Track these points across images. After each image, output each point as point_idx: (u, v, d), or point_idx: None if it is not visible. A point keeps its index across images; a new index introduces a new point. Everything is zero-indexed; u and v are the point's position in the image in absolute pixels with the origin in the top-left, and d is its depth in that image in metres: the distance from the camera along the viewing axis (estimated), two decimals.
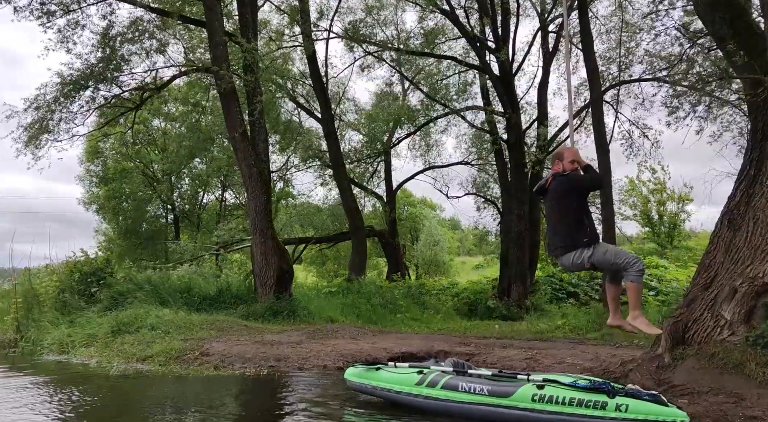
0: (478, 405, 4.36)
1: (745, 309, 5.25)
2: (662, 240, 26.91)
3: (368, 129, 21.53)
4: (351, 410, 4.96)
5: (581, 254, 4.73)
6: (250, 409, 5.17)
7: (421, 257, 26.77)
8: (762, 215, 5.15)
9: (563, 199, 4.91)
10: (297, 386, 5.97)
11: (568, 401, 4.06)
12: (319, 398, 5.42)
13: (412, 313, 13.43)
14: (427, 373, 4.72)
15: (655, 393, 4.15)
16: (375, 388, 4.96)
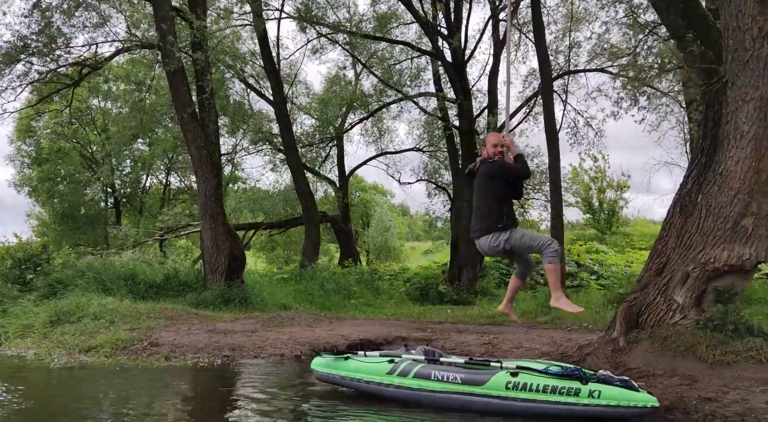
0: (452, 393, 4.32)
1: (696, 294, 5.42)
2: (602, 227, 27.88)
3: (320, 113, 21.23)
4: (316, 401, 4.85)
5: (498, 238, 4.86)
6: (206, 401, 4.98)
7: (372, 243, 26.73)
8: (714, 202, 5.30)
9: (487, 184, 5.00)
10: (255, 376, 5.79)
11: (541, 388, 4.06)
12: (278, 388, 5.28)
13: (366, 299, 13.37)
14: (399, 362, 4.64)
15: (626, 378, 4.19)
16: (344, 378, 4.85)
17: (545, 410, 4.06)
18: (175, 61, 10.81)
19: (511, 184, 5.14)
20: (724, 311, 5.22)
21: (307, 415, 4.30)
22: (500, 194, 4.98)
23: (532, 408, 4.08)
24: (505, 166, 5.04)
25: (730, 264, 5.20)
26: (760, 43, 4.98)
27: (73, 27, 12.68)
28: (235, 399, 4.82)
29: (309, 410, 4.48)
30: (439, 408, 4.36)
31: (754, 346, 4.94)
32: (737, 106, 5.13)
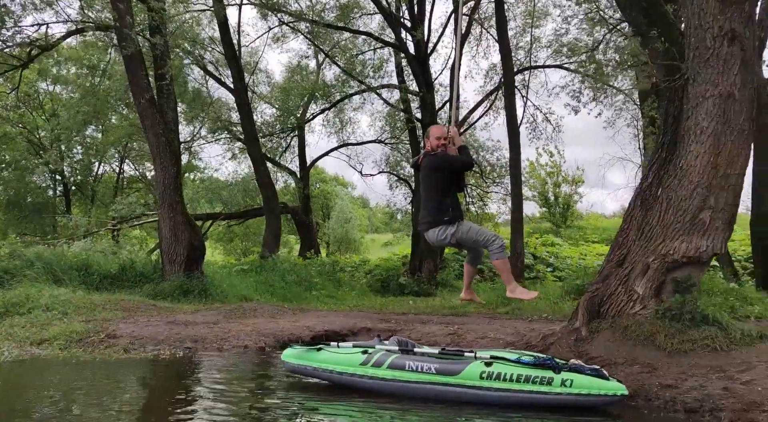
0: (426, 384, 4.31)
1: (656, 284, 5.58)
2: (557, 220, 28.55)
3: (281, 103, 20.94)
4: (286, 393, 4.78)
5: (445, 231, 4.93)
6: (169, 393, 4.82)
7: (332, 235, 26.61)
8: (674, 195, 5.45)
9: (431, 176, 5.05)
10: (220, 368, 5.68)
11: (515, 378, 4.10)
12: (245, 380, 5.20)
13: (328, 290, 13.31)
14: (373, 353, 4.61)
15: (597, 367, 4.25)
16: (316, 369, 4.80)
17: (519, 399, 4.10)
18: (132, 45, 10.45)
19: (455, 177, 5.19)
20: (682, 301, 5.39)
21: (277, 407, 4.23)
22: (444, 186, 5.02)
23: (506, 398, 4.12)
24: (448, 158, 5.07)
25: (689, 256, 5.38)
26: (720, 42, 5.15)
27: (21, 6, 12.10)
28: (201, 392, 4.70)
29: (279, 402, 4.41)
30: (413, 398, 4.36)
31: (709, 335, 5.12)
32: (698, 102, 5.29)
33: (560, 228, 27.77)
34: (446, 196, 5.05)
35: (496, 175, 20.15)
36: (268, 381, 5.17)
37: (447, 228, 4.96)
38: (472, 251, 5.31)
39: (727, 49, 5.13)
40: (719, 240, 5.36)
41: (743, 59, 5.14)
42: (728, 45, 5.12)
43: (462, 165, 5.22)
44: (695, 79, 5.31)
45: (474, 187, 20.46)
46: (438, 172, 5.05)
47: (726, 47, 5.13)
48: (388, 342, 4.92)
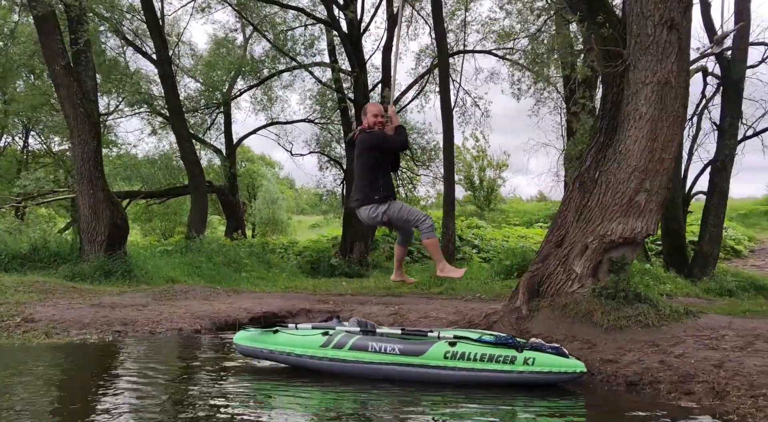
0: (390, 365, 4.25)
1: (593, 264, 5.79)
2: (481, 204, 29.28)
3: (206, 77, 20.06)
4: (239, 376, 4.58)
5: (376, 209, 4.89)
6: (101, 379, 4.49)
7: (258, 215, 25.97)
8: (613, 178, 5.65)
9: (365, 154, 4.98)
10: (156, 351, 5.39)
11: (479, 357, 4.10)
12: (188, 363, 4.96)
13: (258, 272, 12.98)
14: (334, 334, 4.49)
15: (557, 345, 4.33)
16: (272, 352, 4.62)
17: (483, 378, 4.12)
18: (44, 5, 9.61)
19: (389, 156, 5.12)
20: (617, 280, 5.63)
21: (230, 393, 4.03)
22: (378, 165, 4.95)
23: (470, 377, 4.12)
24: (384, 136, 5.01)
25: (625, 237, 5.61)
26: (660, 30, 5.34)
27: None
28: (140, 377, 4.40)
29: (231, 387, 4.20)
30: (376, 379, 4.29)
31: (642, 312, 5.38)
32: (638, 88, 5.48)
33: (484, 211, 28.51)
34: (379, 175, 4.95)
35: (426, 158, 20.31)
36: (214, 364, 4.95)
37: (378, 206, 4.89)
38: (402, 231, 5.25)
39: (666, 37, 5.33)
40: (653, 222, 5.62)
41: (680, 47, 5.36)
42: (667, 33, 5.32)
43: (398, 145, 5.13)
44: (636, 66, 5.49)
45: (404, 169, 20.55)
46: (373, 150, 4.93)
47: (665, 35, 5.33)
48: (348, 323, 4.83)
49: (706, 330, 5.12)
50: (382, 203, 4.88)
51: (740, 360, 4.19)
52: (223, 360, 5.14)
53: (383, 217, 4.91)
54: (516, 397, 4.00)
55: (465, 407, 3.78)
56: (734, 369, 4.06)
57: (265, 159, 31.28)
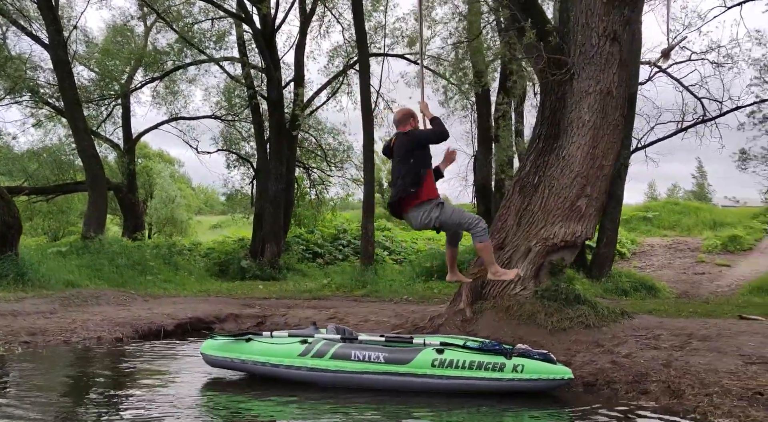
0: (374, 374, 4.01)
1: (536, 267, 5.91)
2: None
3: (102, 66, 18.62)
4: (203, 389, 4.15)
5: (429, 214, 4.64)
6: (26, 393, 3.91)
7: (155, 215, 24.45)
8: (556, 183, 5.80)
9: (407, 154, 4.76)
10: (89, 362, 4.80)
11: (468, 365, 3.95)
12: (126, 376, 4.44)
13: (165, 275, 12.17)
14: (313, 343, 4.20)
15: (545, 352, 4.22)
16: (245, 362, 4.26)
17: (471, 386, 3.98)
18: None
19: (428, 153, 4.86)
20: (558, 282, 5.78)
21: (199, 407, 3.64)
22: (421, 161, 4.72)
23: (459, 386, 3.97)
24: (423, 131, 4.88)
25: (566, 240, 5.77)
26: (603, 41, 5.56)
27: None
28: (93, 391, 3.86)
29: (198, 400, 3.81)
30: (360, 390, 4.05)
31: (583, 313, 5.55)
32: (581, 96, 5.66)
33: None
34: (425, 174, 4.71)
35: (338, 160, 20.13)
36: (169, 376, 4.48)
37: (432, 211, 4.62)
38: (451, 233, 5.02)
39: (609, 48, 5.55)
40: (591, 226, 5.84)
41: (621, 59, 5.61)
42: (610, 45, 5.55)
43: (438, 136, 4.87)
44: (580, 75, 5.67)
45: (317, 169, 20.26)
46: (416, 147, 4.71)
47: (608, 47, 5.55)
48: (325, 330, 4.54)
49: (642, 330, 5.36)
50: (435, 206, 4.62)
51: (685, 359, 4.40)
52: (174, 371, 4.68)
53: (435, 222, 4.64)
54: (504, 405, 3.88)
55: (455, 416, 3.64)
56: (682, 368, 4.25)
57: (163, 156, 29.58)
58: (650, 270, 18.20)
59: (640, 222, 27.73)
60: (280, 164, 16.04)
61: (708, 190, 40.71)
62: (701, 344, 4.76)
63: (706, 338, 4.91)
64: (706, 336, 4.97)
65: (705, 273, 17.76)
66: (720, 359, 4.33)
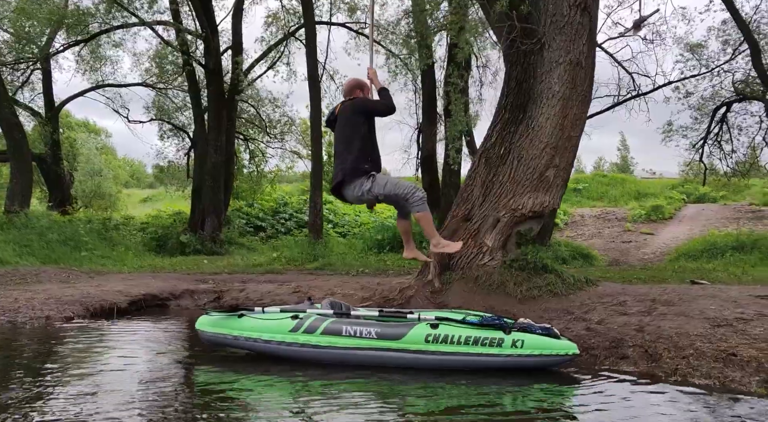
0: (366, 350, 3.86)
1: (504, 237, 5.95)
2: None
3: (18, 27, 17.10)
4: (192, 364, 3.89)
5: (362, 187, 4.47)
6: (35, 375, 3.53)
7: (80, 188, 23.00)
8: (525, 154, 5.82)
9: (350, 122, 4.58)
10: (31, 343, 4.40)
11: (463, 340, 3.81)
12: (103, 356, 4.12)
13: (101, 251, 11.51)
14: (304, 318, 4.01)
15: (548, 326, 4.05)
16: (237, 338, 4.07)
17: (468, 362, 3.84)
18: None
19: (373, 125, 4.67)
20: (527, 252, 5.84)
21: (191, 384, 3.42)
22: (365, 134, 4.53)
23: (454, 362, 3.84)
24: (370, 101, 4.69)
25: (534, 211, 5.82)
26: (574, 11, 5.56)
27: None
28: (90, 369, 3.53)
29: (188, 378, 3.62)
30: (352, 366, 3.90)
31: (551, 281, 5.65)
32: (551, 67, 5.67)
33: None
34: (367, 144, 4.52)
35: (278, 132, 19.60)
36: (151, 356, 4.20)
37: (364, 183, 4.43)
38: (397, 206, 4.82)
39: (579, 18, 5.56)
40: (558, 197, 5.92)
41: (590, 29, 5.64)
42: (580, 15, 5.56)
43: (384, 108, 4.62)
44: (550, 45, 5.67)
45: (258, 141, 19.66)
46: (359, 116, 4.50)
47: (578, 17, 5.56)
48: (320, 305, 4.35)
49: (607, 296, 5.51)
50: (368, 178, 4.41)
51: (656, 324, 4.55)
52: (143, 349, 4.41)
53: (368, 195, 4.45)
54: (504, 382, 3.70)
55: (450, 393, 3.51)
56: (655, 332, 4.39)
57: (88, 125, 27.81)
58: (581, 240, 18.93)
59: (570, 193, 28.82)
60: (219, 135, 15.42)
61: (631, 163, 42.80)
62: (667, 309, 4.94)
63: (669, 303, 5.10)
64: (669, 301, 5.16)
65: (632, 242, 18.70)
66: (688, 322, 4.51)
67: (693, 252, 12.68)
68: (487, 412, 3.00)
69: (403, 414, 3.09)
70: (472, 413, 3.02)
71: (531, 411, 3.17)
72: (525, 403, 3.31)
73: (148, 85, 19.12)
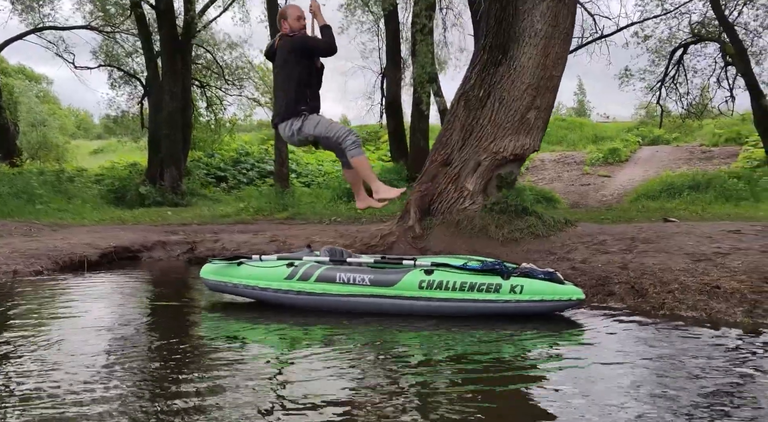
0: (359, 296, 3.78)
1: (485, 181, 5.92)
2: None
3: None
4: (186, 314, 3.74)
5: (291, 125, 4.26)
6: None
7: (24, 139, 21.76)
8: (507, 96, 5.73)
9: (288, 61, 4.30)
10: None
11: (459, 286, 3.72)
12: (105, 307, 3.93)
13: (57, 204, 11.02)
14: (299, 265, 3.91)
15: (551, 270, 3.91)
16: (237, 286, 4.01)
17: (463, 309, 3.76)
18: None
19: (313, 66, 4.45)
20: (507, 195, 5.84)
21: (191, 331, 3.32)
22: (302, 74, 4.25)
23: (449, 308, 3.75)
24: (309, 39, 4.36)
25: (516, 154, 5.80)
26: None
27: None
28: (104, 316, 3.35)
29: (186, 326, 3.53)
30: (348, 313, 3.84)
31: (532, 224, 5.69)
32: (534, 4, 5.53)
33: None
34: (303, 85, 4.31)
35: (236, 79, 18.90)
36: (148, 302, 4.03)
37: (293, 122, 4.21)
38: (336, 152, 4.56)
39: None
40: (538, 139, 5.89)
41: None
42: None
43: (326, 46, 4.43)
44: None
45: (215, 88, 18.92)
46: (297, 55, 4.22)
47: None
48: (320, 252, 4.24)
49: (586, 237, 5.60)
50: (296, 117, 4.17)
51: (639, 261, 4.65)
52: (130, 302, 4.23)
53: (299, 135, 4.22)
54: (501, 328, 3.59)
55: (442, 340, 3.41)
56: (639, 269, 4.49)
57: (26, 72, 26.12)
58: (543, 184, 19.23)
59: None
60: (174, 81, 14.73)
61: (588, 107, 43.27)
62: (646, 246, 5.05)
63: (648, 240, 5.21)
64: (648, 238, 5.28)
65: (590, 184, 19.13)
66: (670, 258, 4.62)
67: (651, 192, 13.05)
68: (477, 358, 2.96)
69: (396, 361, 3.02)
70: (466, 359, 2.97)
71: (524, 353, 3.14)
72: (519, 347, 3.26)
73: (94, 29, 17.99)
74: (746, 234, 5.15)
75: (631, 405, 2.32)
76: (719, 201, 10.77)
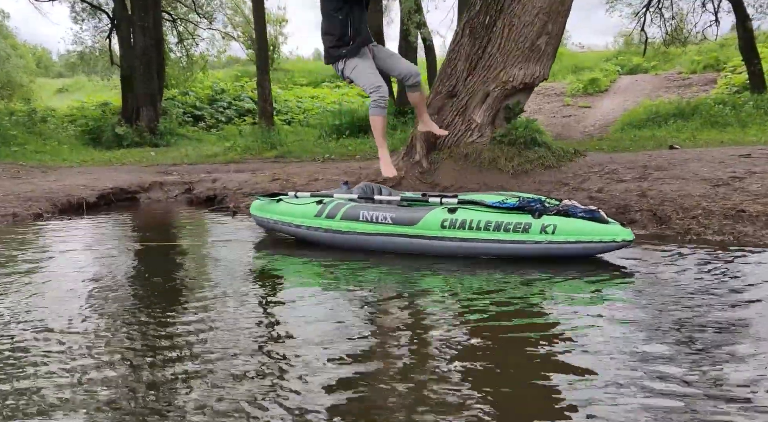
0: (381, 235, 3.66)
1: (494, 112, 5.77)
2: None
3: None
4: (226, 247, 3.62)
5: (337, 67, 4.26)
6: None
7: None
8: (517, 21, 5.49)
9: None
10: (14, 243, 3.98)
11: (483, 225, 3.44)
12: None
13: (33, 145, 10.58)
14: (327, 203, 3.83)
15: (594, 208, 3.47)
16: (276, 222, 4.02)
17: (488, 249, 3.48)
18: None
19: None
20: (516, 126, 5.72)
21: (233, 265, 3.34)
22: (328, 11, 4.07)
23: (472, 249, 3.50)
24: None
25: (525, 82, 5.62)
26: None
27: None
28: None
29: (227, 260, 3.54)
30: (370, 251, 3.76)
31: (541, 155, 5.61)
32: None
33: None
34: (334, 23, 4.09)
35: (206, 11, 18.00)
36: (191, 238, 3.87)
37: (337, 65, 4.21)
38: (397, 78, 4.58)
39: None
40: (548, 67, 5.71)
41: None
42: None
43: None
44: None
45: (186, 22, 18.02)
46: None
47: None
48: (355, 189, 4.14)
49: (596, 166, 5.56)
50: (341, 60, 4.13)
51: (657, 188, 4.64)
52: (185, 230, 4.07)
53: (346, 78, 4.20)
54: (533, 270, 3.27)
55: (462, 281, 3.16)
56: (658, 196, 4.48)
57: None
58: (524, 116, 19.07)
59: None
60: (145, 14, 13.95)
61: (566, 37, 42.67)
62: (661, 173, 5.04)
63: (661, 168, 5.20)
64: (660, 166, 5.27)
65: (572, 116, 19.10)
66: (687, 184, 4.62)
67: (637, 121, 13.08)
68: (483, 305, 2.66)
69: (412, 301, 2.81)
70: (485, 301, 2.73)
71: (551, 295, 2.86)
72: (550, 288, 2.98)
73: None
74: (758, 158, 5.16)
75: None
76: (705, 127, 10.83)
